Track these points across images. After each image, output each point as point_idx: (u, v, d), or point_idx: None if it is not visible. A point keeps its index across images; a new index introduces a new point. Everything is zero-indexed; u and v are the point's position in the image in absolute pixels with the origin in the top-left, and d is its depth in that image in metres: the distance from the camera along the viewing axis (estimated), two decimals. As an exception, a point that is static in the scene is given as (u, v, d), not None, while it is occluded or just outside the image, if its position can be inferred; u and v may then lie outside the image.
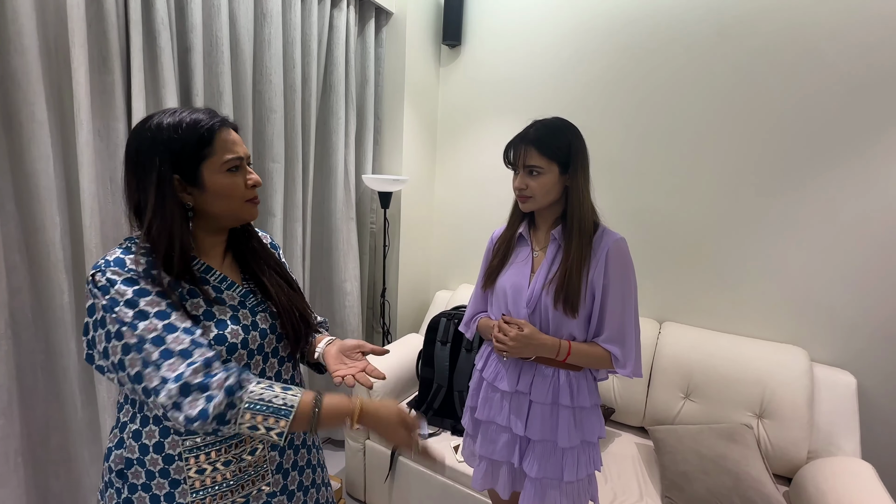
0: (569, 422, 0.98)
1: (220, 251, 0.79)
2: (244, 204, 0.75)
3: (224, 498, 0.72)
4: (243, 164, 0.74)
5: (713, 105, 1.69)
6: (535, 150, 0.96)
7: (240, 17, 1.50)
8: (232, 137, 0.73)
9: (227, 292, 0.76)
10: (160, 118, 0.69)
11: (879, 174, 1.46)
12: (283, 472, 0.80)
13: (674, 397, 1.64)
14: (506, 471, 1.05)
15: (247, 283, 0.81)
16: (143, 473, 0.70)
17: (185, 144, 0.68)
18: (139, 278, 0.66)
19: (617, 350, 0.95)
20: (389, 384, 1.81)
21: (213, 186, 0.70)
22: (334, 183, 1.98)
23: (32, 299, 1.15)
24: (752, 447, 1.41)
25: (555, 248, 1.02)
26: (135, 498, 0.71)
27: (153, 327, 0.63)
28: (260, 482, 0.76)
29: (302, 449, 0.85)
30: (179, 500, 0.70)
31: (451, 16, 2.17)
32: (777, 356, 1.54)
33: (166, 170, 0.67)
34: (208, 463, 0.71)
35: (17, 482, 1.11)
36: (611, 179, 1.90)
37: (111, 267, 0.66)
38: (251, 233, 0.84)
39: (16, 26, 1.01)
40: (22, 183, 1.10)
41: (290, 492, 0.81)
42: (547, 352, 0.96)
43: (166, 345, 0.63)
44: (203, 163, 0.69)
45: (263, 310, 0.80)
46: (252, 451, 0.75)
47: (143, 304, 0.64)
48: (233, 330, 0.73)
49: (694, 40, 1.69)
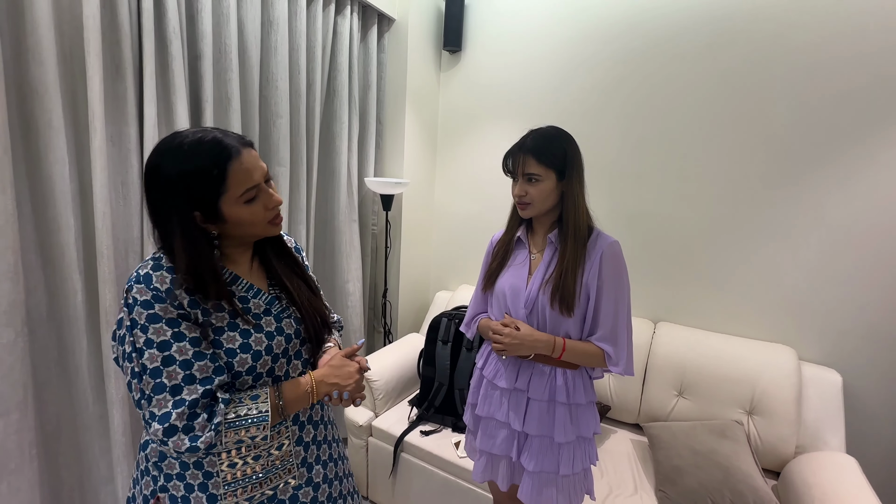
0: (565, 418, 1.02)
1: (247, 259, 0.82)
2: (266, 226, 0.76)
3: (254, 490, 0.76)
4: (260, 188, 0.73)
5: (706, 111, 1.74)
6: (533, 158, 1.00)
7: (247, 24, 1.54)
8: (245, 166, 0.70)
9: (253, 300, 0.79)
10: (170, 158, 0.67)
11: (865, 178, 1.51)
12: (307, 466, 0.84)
13: (667, 395, 1.69)
14: (505, 464, 1.10)
15: (273, 290, 0.83)
16: (177, 465, 0.74)
17: (199, 187, 0.68)
18: (156, 301, 0.68)
19: (610, 348, 0.99)
20: (391, 382, 1.85)
21: (233, 218, 0.72)
22: (337, 186, 2.02)
23: (47, 298, 1.19)
24: (742, 443, 1.46)
25: (551, 251, 1.06)
26: (170, 486, 0.75)
27: (154, 357, 0.67)
28: (286, 475, 0.80)
29: (324, 444, 0.89)
30: (213, 491, 0.74)
31: (451, 22, 2.21)
32: (767, 355, 1.60)
33: (187, 212, 0.69)
34: (239, 457, 0.75)
35: (32, 473, 1.15)
36: (607, 184, 1.96)
37: (139, 284, 0.68)
38: (277, 239, 0.86)
39: (35, 37, 1.05)
40: (38, 187, 1.13)
41: (316, 484, 0.85)
42: (543, 349, 1.00)
43: (161, 378, 0.66)
44: (220, 199, 0.69)
45: (288, 315, 0.83)
46: (279, 447, 0.79)
47: (150, 331, 0.67)
48: (256, 338, 0.76)
49: (687, 49, 1.75)
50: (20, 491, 1.13)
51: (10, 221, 1.05)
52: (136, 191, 1.30)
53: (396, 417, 1.78)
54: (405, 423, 1.74)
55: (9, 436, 1.10)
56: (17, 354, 1.10)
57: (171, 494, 0.75)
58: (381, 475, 1.75)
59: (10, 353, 1.08)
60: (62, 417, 1.25)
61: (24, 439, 1.13)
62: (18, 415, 1.11)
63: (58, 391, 1.24)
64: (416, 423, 1.73)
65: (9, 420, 1.10)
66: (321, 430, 0.89)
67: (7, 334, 1.07)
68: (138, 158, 1.29)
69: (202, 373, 0.69)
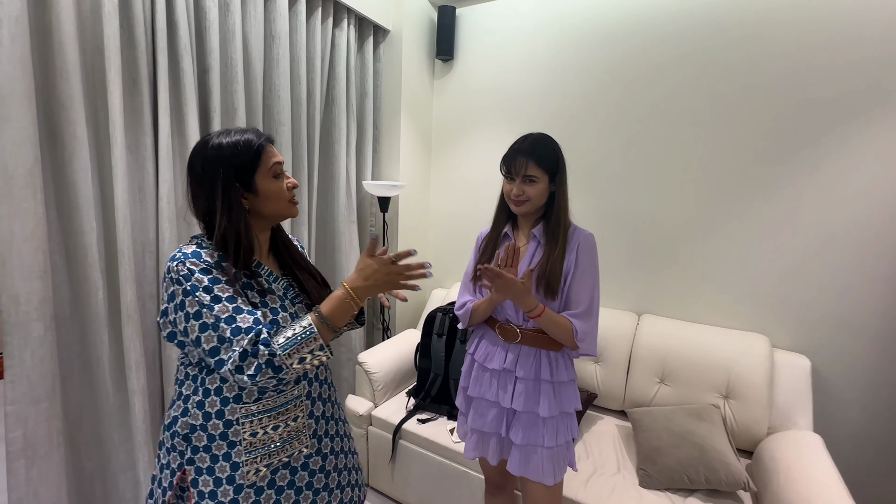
0: (549, 394, 1.13)
1: (265, 249, 0.94)
2: (288, 203, 0.90)
3: (272, 457, 0.85)
4: (282, 169, 0.89)
5: (686, 116, 1.86)
6: (533, 161, 1.11)
7: (251, 39, 1.65)
8: (273, 150, 0.88)
9: (274, 285, 0.90)
10: (219, 139, 0.82)
11: (832, 178, 1.63)
12: (317, 438, 0.94)
13: (650, 382, 1.79)
14: (494, 441, 1.20)
15: (286, 278, 0.95)
16: (205, 437, 0.83)
17: (242, 158, 0.82)
18: (212, 268, 0.79)
19: (578, 325, 1.10)
20: (390, 374, 1.95)
21: (264, 190, 0.85)
22: (337, 189, 2.13)
23: (70, 296, 1.29)
24: (717, 424, 1.57)
25: (535, 244, 1.17)
26: (196, 458, 0.83)
27: (224, 309, 0.77)
28: (300, 444, 0.90)
29: (331, 420, 0.99)
30: (235, 459, 0.83)
31: (443, 32, 2.33)
32: (741, 343, 1.71)
33: (230, 180, 0.81)
34: (260, 427, 0.84)
35: (59, 459, 1.25)
36: (593, 185, 2.07)
37: (189, 258, 0.79)
38: (284, 234, 0.99)
39: (62, 56, 1.16)
40: (63, 193, 1.24)
41: (324, 454, 0.95)
42: (525, 301, 1.07)
43: (236, 323, 0.76)
44: (256, 171, 0.84)
45: (300, 301, 0.94)
46: (295, 419, 0.89)
47: (216, 290, 0.78)
48: (284, 316, 0.87)
49: (667, 56, 1.87)
50: (49, 476, 1.22)
51: (41, 224, 1.15)
52: (152, 196, 1.41)
53: (395, 407, 1.88)
54: (403, 412, 1.84)
55: (39, 423, 1.19)
56: (47, 347, 1.20)
57: (198, 466, 0.83)
58: (380, 462, 1.85)
59: (41, 346, 1.18)
60: (84, 408, 1.35)
61: (52, 427, 1.22)
62: (48, 403, 1.21)
63: (80, 383, 1.33)
64: (413, 412, 1.83)
65: (39, 408, 1.19)
66: (328, 407, 0.99)
67: (38, 328, 1.17)
68: (153, 165, 1.40)
69: (264, 317, 0.81)
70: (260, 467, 0.84)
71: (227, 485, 0.83)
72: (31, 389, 1.18)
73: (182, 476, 0.84)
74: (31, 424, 1.19)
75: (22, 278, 1.13)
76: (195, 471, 0.83)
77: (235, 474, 0.83)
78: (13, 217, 1.10)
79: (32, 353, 1.17)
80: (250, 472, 0.83)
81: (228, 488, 0.82)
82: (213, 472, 0.83)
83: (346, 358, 2.25)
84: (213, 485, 0.83)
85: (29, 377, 1.17)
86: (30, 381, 1.17)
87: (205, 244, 0.84)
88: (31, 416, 1.18)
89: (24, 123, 1.10)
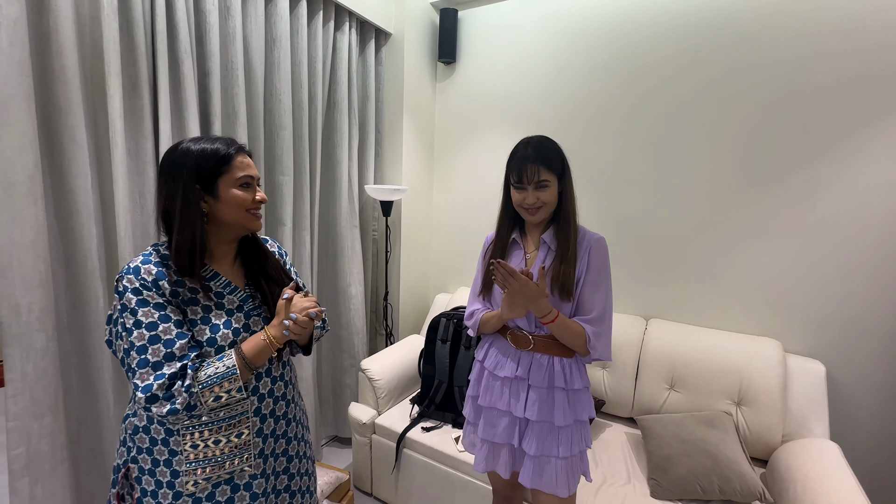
0: (564, 403, 1.10)
1: (230, 258, 0.93)
2: (248, 214, 0.88)
3: (213, 471, 0.84)
4: (254, 183, 0.89)
5: (692, 116, 1.83)
6: (543, 167, 1.07)
7: (252, 43, 1.63)
8: (247, 161, 0.88)
9: (227, 297, 0.89)
10: (189, 144, 0.84)
11: (845, 177, 1.60)
12: (263, 458, 0.91)
13: (659, 389, 1.76)
14: (506, 452, 1.16)
15: (248, 289, 0.93)
16: (147, 440, 0.83)
17: (207, 161, 0.83)
18: (144, 288, 0.79)
19: (591, 330, 1.07)
20: (393, 382, 1.92)
21: (226, 197, 0.85)
22: (339, 193, 2.10)
23: (69, 305, 1.26)
24: (730, 432, 1.53)
25: (545, 251, 1.14)
26: (139, 458, 0.84)
27: (141, 336, 0.77)
28: (243, 463, 0.87)
29: (282, 440, 0.96)
30: (175, 468, 0.83)
31: (445, 35, 2.31)
32: (753, 348, 1.67)
33: (190, 180, 0.82)
34: (201, 440, 0.83)
35: (62, 474, 1.21)
36: (599, 188, 2.04)
37: (129, 275, 0.80)
38: (257, 242, 0.98)
39: (60, 60, 1.14)
40: (62, 199, 1.21)
41: (267, 475, 0.92)
42: (539, 307, 1.04)
43: (146, 354, 0.77)
44: (220, 177, 0.84)
45: (258, 314, 0.92)
46: (238, 435, 0.86)
47: (140, 313, 0.78)
48: (224, 333, 0.86)
49: (671, 56, 1.84)
50: (54, 493, 1.19)
51: (41, 232, 1.13)
52: (153, 200, 1.38)
53: (398, 415, 1.85)
54: (407, 420, 1.81)
55: (42, 438, 1.16)
56: (49, 359, 1.16)
57: (140, 466, 0.84)
58: (384, 471, 1.81)
59: (43, 358, 1.15)
60: (83, 421, 1.31)
61: (56, 442, 1.19)
62: (51, 417, 1.17)
63: (79, 395, 1.29)
64: (417, 420, 1.80)
65: (42, 423, 1.16)
66: (281, 425, 0.95)
67: (40, 339, 1.14)
68: (154, 170, 1.37)
69: (181, 351, 0.79)
70: (199, 480, 0.83)
71: (167, 489, 0.84)
72: (33, 404, 1.14)
73: (127, 471, 0.86)
74: (35, 440, 1.15)
75: (23, 287, 1.10)
76: (138, 469, 0.85)
77: (175, 481, 0.83)
78: (14, 225, 1.08)
79: (34, 365, 1.14)
80: (189, 482, 0.83)
81: (168, 492, 0.84)
82: (154, 475, 0.84)
83: (349, 364, 2.21)
84: (155, 486, 0.84)
85: (32, 391, 1.14)
86: (32, 394, 1.14)
87: (155, 255, 0.83)
88: (34, 431, 1.15)
89: (24, 128, 1.08)
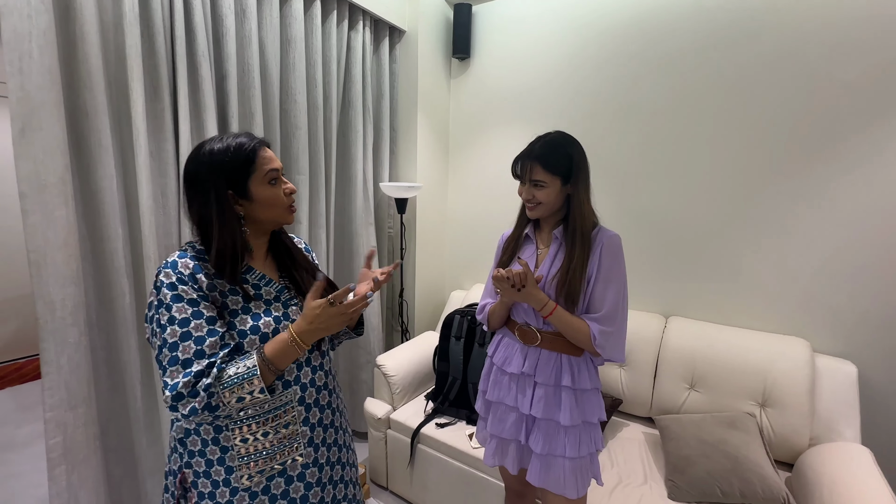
0: (570, 402, 1.08)
1: (262, 252, 0.94)
2: (285, 210, 0.89)
3: (265, 463, 0.85)
4: (279, 175, 0.88)
5: (714, 107, 1.77)
6: (539, 166, 1.07)
7: (268, 45, 1.66)
8: (269, 154, 0.87)
9: (264, 288, 0.90)
10: (211, 145, 0.82)
11: (875, 168, 1.51)
12: (314, 447, 0.92)
13: (679, 388, 1.71)
14: (514, 448, 1.16)
15: (283, 280, 0.94)
16: (199, 441, 0.84)
17: (234, 164, 0.82)
18: (180, 283, 0.79)
19: (596, 328, 1.04)
20: (408, 379, 1.94)
21: (259, 197, 0.85)
22: (354, 191, 2.13)
23: (97, 302, 1.32)
24: (753, 434, 1.48)
25: (556, 246, 1.13)
26: (193, 462, 0.85)
27: (174, 333, 0.77)
28: (294, 452, 0.88)
29: (330, 429, 0.97)
30: (229, 464, 0.83)
31: (459, 30, 2.30)
32: (779, 347, 1.61)
33: (222, 187, 0.82)
34: (250, 433, 0.84)
35: (97, 464, 1.28)
36: (617, 182, 2.00)
37: (166, 269, 0.80)
38: (286, 236, 0.99)
39: (86, 66, 1.19)
40: (90, 200, 1.27)
41: (321, 465, 0.94)
42: (535, 302, 1.06)
43: (177, 351, 0.77)
44: (250, 178, 0.83)
45: (295, 304, 0.93)
46: (286, 425, 0.87)
47: (174, 309, 0.78)
48: (265, 321, 0.86)
49: (693, 47, 1.78)
50: (88, 481, 1.25)
51: (72, 231, 1.18)
52: (174, 200, 1.43)
53: (413, 410, 1.87)
54: (421, 415, 1.82)
55: (77, 428, 1.22)
56: (82, 352, 1.22)
57: (195, 470, 0.84)
58: (399, 466, 1.83)
59: (77, 351, 1.21)
60: (112, 413, 1.37)
61: (89, 432, 1.25)
62: (84, 408, 1.24)
63: (108, 388, 1.36)
64: (431, 416, 1.81)
65: (76, 413, 1.22)
66: (328, 414, 0.96)
67: (73, 334, 1.20)
68: (175, 170, 1.42)
69: (211, 349, 0.79)
70: (252, 473, 0.84)
71: (223, 486, 0.84)
72: (68, 395, 1.20)
73: (182, 477, 0.86)
74: (70, 430, 1.21)
75: (57, 285, 1.16)
76: (193, 473, 0.85)
77: (230, 477, 0.84)
78: (47, 225, 1.13)
79: (69, 358, 1.19)
80: (243, 476, 0.83)
81: (225, 490, 0.84)
82: (210, 476, 0.84)
83: (365, 360, 2.25)
84: (212, 486, 0.84)
85: (66, 382, 1.20)
86: (67, 386, 1.20)
87: (191, 251, 0.83)
88: (69, 421, 1.21)
89: (55, 133, 1.13)
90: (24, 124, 1.08)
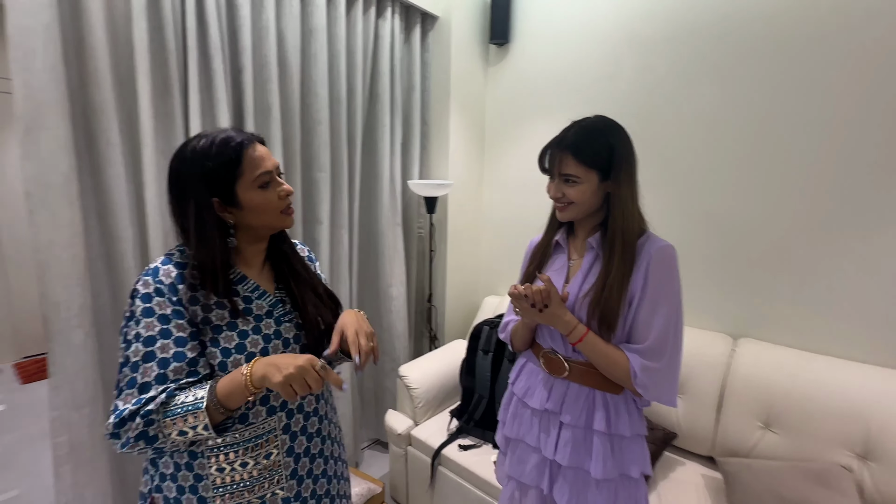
0: (604, 450, 0.88)
1: (259, 259, 0.84)
2: (279, 215, 0.80)
3: (241, 496, 0.75)
4: (273, 177, 0.78)
5: (799, 89, 1.44)
6: (571, 156, 0.87)
7: (287, 35, 1.58)
8: (258, 153, 0.76)
9: (256, 302, 0.80)
10: (193, 145, 0.74)
11: None
12: (297, 479, 0.82)
13: (750, 426, 1.42)
14: (534, 496, 0.97)
15: (279, 292, 0.84)
16: (172, 465, 0.76)
17: (216, 168, 0.72)
18: (157, 294, 0.71)
19: (638, 363, 0.83)
20: (433, 391, 1.80)
21: (249, 204, 0.76)
22: (380, 189, 2.02)
23: (110, 301, 1.30)
24: (848, 494, 1.18)
25: (592, 257, 0.93)
26: (164, 486, 0.77)
27: (137, 352, 0.69)
28: (274, 485, 0.78)
29: (318, 458, 0.86)
30: (202, 494, 0.75)
31: (498, 13, 2.11)
32: (887, 384, 1.28)
33: (204, 195, 0.72)
34: (227, 463, 0.74)
35: (104, 463, 1.28)
36: (675, 179, 1.72)
37: (146, 277, 0.73)
38: (286, 241, 0.89)
39: (94, 62, 1.16)
40: (101, 199, 1.25)
41: (304, 499, 0.83)
42: (561, 325, 0.87)
43: (136, 373, 0.68)
44: (236, 183, 0.74)
45: (289, 320, 0.83)
46: (267, 456, 0.77)
47: (142, 325, 0.70)
48: (253, 340, 0.77)
49: (771, 12, 1.46)
50: (94, 480, 1.25)
51: (77, 232, 1.16)
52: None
53: (436, 427, 1.72)
54: (444, 434, 1.67)
55: (83, 428, 1.22)
56: (88, 353, 1.21)
57: (165, 495, 0.76)
58: (420, 486, 1.70)
59: (82, 352, 1.19)
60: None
61: (95, 432, 1.24)
62: (90, 409, 1.23)
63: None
64: (455, 436, 1.65)
65: (81, 413, 1.21)
66: (316, 443, 0.85)
67: (78, 335, 1.18)
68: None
69: (175, 374, 0.70)
70: None
71: None
72: (73, 395, 1.20)
73: (152, 501, 0.79)
74: (76, 429, 1.21)
75: (62, 286, 1.15)
76: (163, 499, 0.77)
77: None
78: (51, 225, 1.12)
79: (74, 359, 1.19)
80: None
81: None
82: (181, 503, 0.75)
83: (390, 368, 2.13)
84: None
85: (72, 383, 1.19)
86: (72, 387, 1.19)
87: (177, 256, 0.76)
88: (74, 421, 1.21)
89: (60, 131, 1.11)
90: (29, 123, 1.06)
